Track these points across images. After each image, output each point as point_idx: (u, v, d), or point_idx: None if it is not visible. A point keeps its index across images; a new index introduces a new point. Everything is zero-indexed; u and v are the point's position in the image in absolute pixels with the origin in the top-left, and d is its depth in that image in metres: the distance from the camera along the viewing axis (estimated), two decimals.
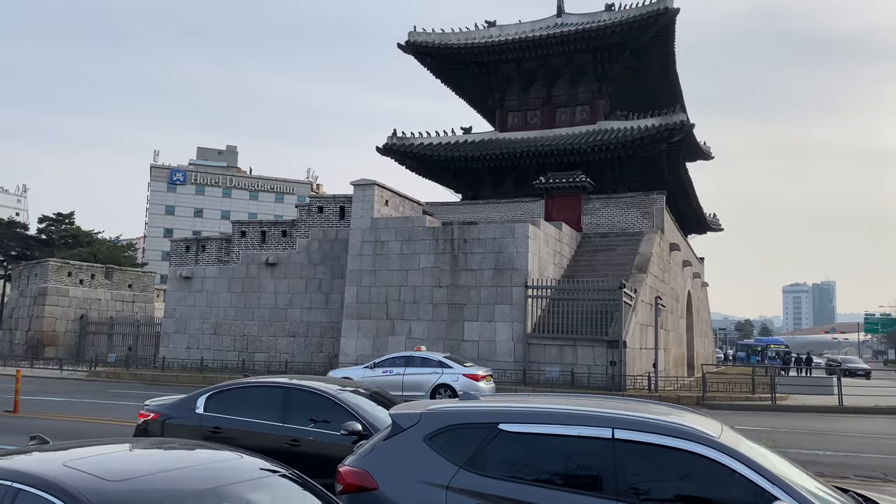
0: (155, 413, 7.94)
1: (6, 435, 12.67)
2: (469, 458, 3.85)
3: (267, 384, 7.95)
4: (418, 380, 19.25)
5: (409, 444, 4.02)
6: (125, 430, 13.60)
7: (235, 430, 7.38)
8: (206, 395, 7.84)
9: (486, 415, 4.02)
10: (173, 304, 30.98)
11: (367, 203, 26.78)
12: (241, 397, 7.74)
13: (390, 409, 4.53)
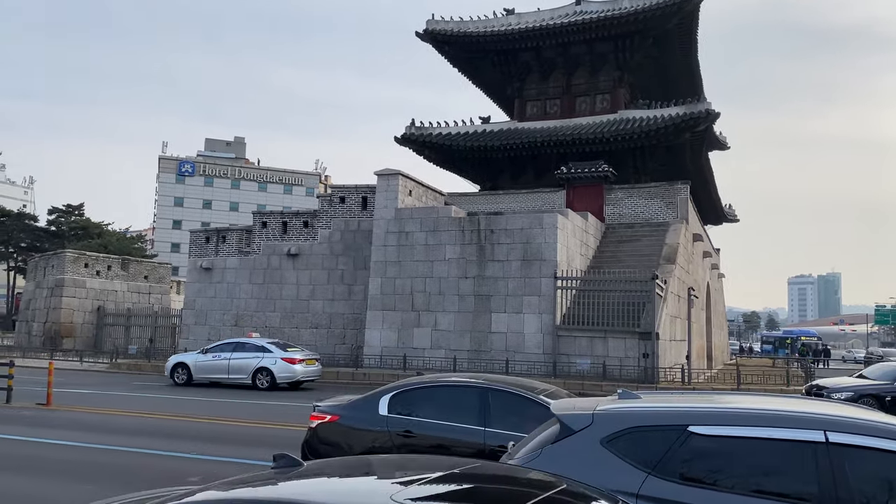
0: (333, 415, 7.55)
1: (48, 429, 12.40)
2: (658, 464, 3.51)
3: (460, 384, 7.51)
4: (241, 364, 21.24)
5: (583, 447, 3.68)
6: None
7: (431, 435, 6.92)
8: (388, 395, 7.42)
9: (672, 416, 3.68)
10: (193, 296, 30.71)
11: (390, 193, 26.42)
12: (429, 398, 7.30)
13: (554, 409, 4.18)
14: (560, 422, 3.92)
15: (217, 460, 10.11)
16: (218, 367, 21.36)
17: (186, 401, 17.72)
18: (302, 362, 21.20)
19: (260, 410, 16.00)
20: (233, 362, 21.31)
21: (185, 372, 21.92)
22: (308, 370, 21.45)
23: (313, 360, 22.05)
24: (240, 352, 21.57)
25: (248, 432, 12.81)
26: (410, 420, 7.14)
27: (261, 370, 20.84)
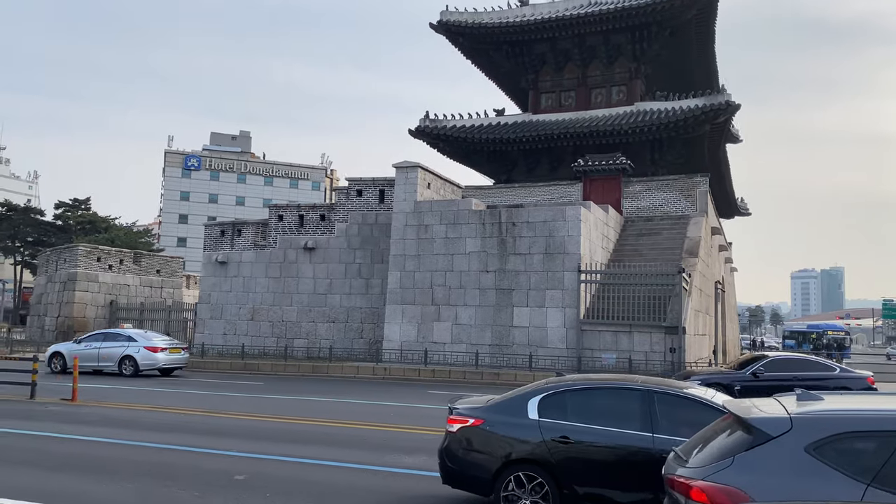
0: (476, 418, 7.14)
1: (80, 425, 12.12)
2: (878, 473, 3.20)
3: (620, 386, 7.07)
4: (110, 352, 22.53)
5: (785, 454, 3.35)
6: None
7: (593, 442, 6.53)
8: (536, 397, 7.04)
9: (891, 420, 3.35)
10: (208, 290, 30.43)
11: (409, 186, 26.09)
12: (586, 401, 6.87)
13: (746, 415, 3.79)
14: (751, 427, 3.58)
15: (257, 458, 9.83)
16: (89, 356, 22.43)
17: (212, 396, 17.46)
18: (164, 350, 22.70)
19: (291, 405, 15.73)
20: (102, 351, 22.63)
21: (61, 360, 23.14)
22: (172, 358, 22.89)
23: (178, 348, 23.67)
24: (109, 341, 22.99)
25: (287, 428, 12.52)
26: (567, 425, 6.74)
27: (126, 358, 22.25)
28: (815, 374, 16.82)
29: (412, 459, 9.95)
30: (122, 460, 9.53)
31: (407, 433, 12.31)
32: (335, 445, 10.93)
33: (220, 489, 8.18)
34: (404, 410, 15.49)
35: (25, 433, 11.38)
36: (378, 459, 9.86)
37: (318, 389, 19.51)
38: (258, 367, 25.22)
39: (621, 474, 6.34)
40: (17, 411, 13.78)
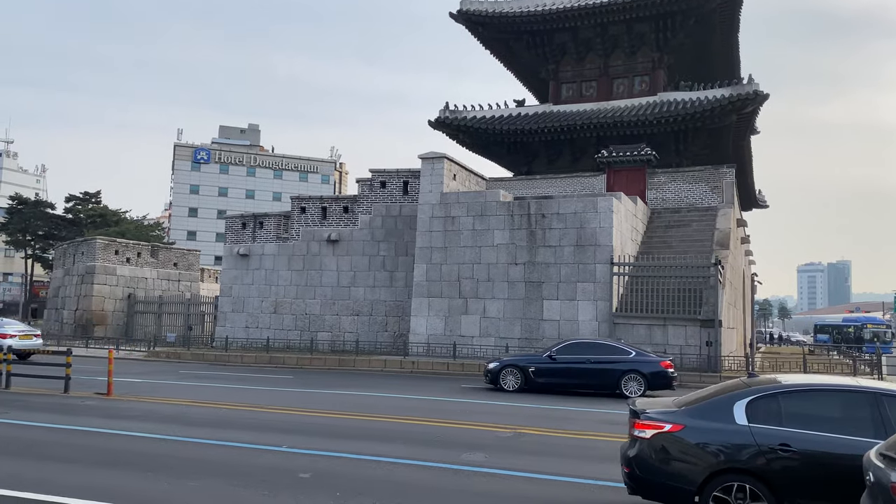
0: (674, 423, 6.50)
1: (122, 420, 11.79)
2: None
3: (844, 388, 6.46)
4: None
5: None
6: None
7: (821, 452, 5.94)
8: (743, 400, 6.42)
9: None
10: (229, 283, 30.12)
11: (435, 177, 25.69)
12: (802, 404, 6.28)
13: None
14: None
15: (314, 454, 9.48)
16: None
17: (247, 391, 17.14)
18: (15, 337, 23.78)
19: (333, 400, 15.40)
20: None
21: None
22: (25, 343, 23.62)
23: (31, 335, 25.05)
24: None
25: (334, 423, 12.18)
26: (786, 432, 6.15)
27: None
28: (609, 357, 17.39)
29: (482, 457, 9.62)
30: (177, 457, 9.20)
31: (463, 429, 11.95)
32: (391, 441, 10.58)
33: (286, 488, 7.83)
34: (445, 406, 15.12)
35: (71, 429, 11.06)
36: (447, 457, 9.51)
37: (350, 383, 19.18)
38: (283, 361, 24.91)
39: (851, 488, 5.66)
40: (55, 405, 13.48)
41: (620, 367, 17.13)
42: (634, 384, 16.96)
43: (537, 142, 36.33)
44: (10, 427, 11.08)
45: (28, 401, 14.01)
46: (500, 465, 9.13)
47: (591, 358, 17.35)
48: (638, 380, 17.00)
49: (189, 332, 30.34)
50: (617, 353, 17.55)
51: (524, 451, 10.37)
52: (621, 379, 17.09)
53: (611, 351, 17.68)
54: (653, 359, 17.57)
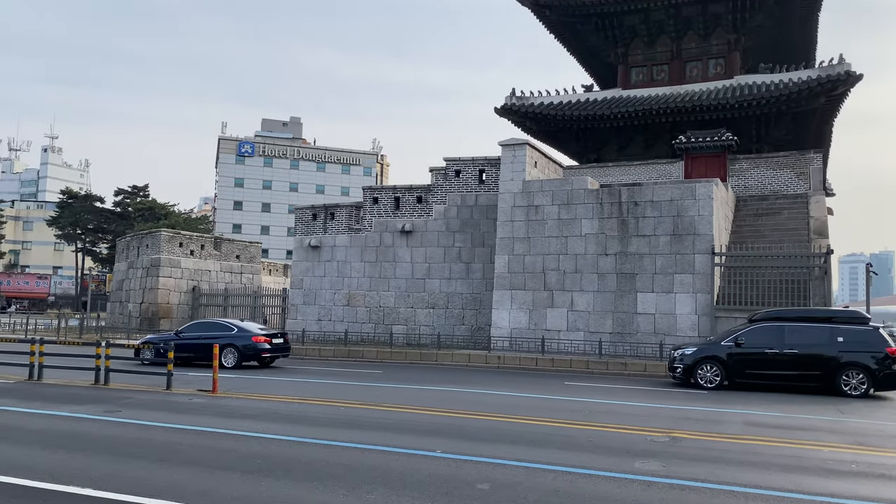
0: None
1: (240, 419, 11.05)
2: None
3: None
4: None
5: None
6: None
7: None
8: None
9: None
10: (301, 275, 29.55)
11: (517, 165, 24.70)
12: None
13: None
14: None
15: (480, 461, 8.60)
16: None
17: (346, 386, 16.40)
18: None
19: (427, 397, 14.56)
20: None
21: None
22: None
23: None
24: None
25: (463, 424, 11.31)
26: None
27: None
28: (216, 334, 20.41)
29: (657, 465, 8.65)
30: (333, 463, 8.40)
31: (608, 433, 10.99)
32: (542, 446, 9.67)
33: (476, 500, 6.96)
34: (561, 405, 14.18)
35: (198, 430, 10.37)
36: (619, 465, 8.57)
37: (443, 378, 18.36)
38: (362, 354, 24.23)
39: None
40: (165, 404, 12.85)
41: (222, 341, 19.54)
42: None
43: (607, 128, 35.12)
44: (135, 428, 10.43)
45: (135, 399, 13.42)
46: (685, 476, 8.17)
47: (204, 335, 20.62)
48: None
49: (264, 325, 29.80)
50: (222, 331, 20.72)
51: (696, 458, 9.37)
52: None
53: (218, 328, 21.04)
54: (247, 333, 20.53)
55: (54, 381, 15.84)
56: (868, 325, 16.11)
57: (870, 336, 15.81)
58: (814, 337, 16.04)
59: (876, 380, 15.47)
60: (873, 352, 15.58)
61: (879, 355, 15.49)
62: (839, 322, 16.30)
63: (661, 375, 19.97)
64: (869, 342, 15.70)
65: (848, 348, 15.74)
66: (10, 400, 12.84)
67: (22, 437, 9.55)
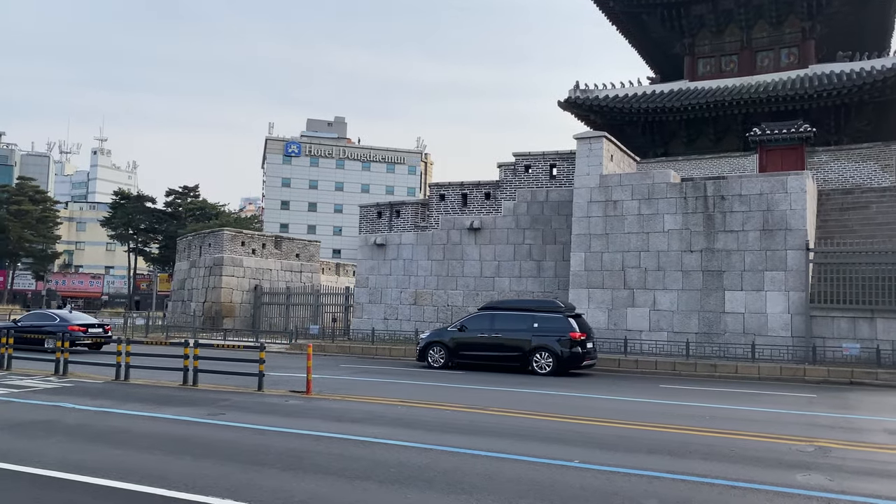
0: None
1: (350, 424, 10.54)
2: None
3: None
4: None
5: None
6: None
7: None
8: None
9: None
10: (366, 273, 29.18)
11: (593, 159, 23.90)
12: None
13: None
14: None
15: (632, 474, 7.93)
16: None
17: (435, 387, 15.86)
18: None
19: (532, 399, 13.92)
20: None
21: None
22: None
23: None
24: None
25: (586, 430, 10.65)
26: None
27: None
28: (44, 323, 23.54)
29: (823, 479, 7.88)
30: (455, 470, 7.81)
31: (744, 441, 10.22)
32: (681, 456, 8.95)
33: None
34: (672, 409, 13.41)
35: (316, 435, 9.89)
36: (783, 479, 7.81)
37: (532, 380, 17.69)
38: None
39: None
40: (265, 406, 12.46)
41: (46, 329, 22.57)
42: None
43: (675, 121, 34.05)
44: (248, 432, 10.01)
45: (231, 400, 13.06)
46: (858, 491, 7.40)
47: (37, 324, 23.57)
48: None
49: (334, 324, 29.56)
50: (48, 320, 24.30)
51: (858, 471, 8.56)
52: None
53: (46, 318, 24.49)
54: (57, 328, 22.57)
55: (142, 381, 15.63)
56: (559, 314, 18.67)
57: (559, 323, 18.41)
58: (515, 324, 18.80)
59: (560, 360, 18.02)
60: (560, 336, 18.14)
61: (565, 339, 18.09)
62: (537, 311, 18.96)
63: (753, 377, 19.02)
64: (557, 328, 18.25)
65: (540, 333, 18.36)
66: (107, 401, 12.58)
67: (139, 441, 9.19)
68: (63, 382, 15.15)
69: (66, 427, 10.13)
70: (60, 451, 8.48)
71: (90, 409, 11.72)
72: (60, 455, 8.28)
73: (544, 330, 18.33)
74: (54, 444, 8.87)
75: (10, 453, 8.24)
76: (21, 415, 11.08)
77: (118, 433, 9.78)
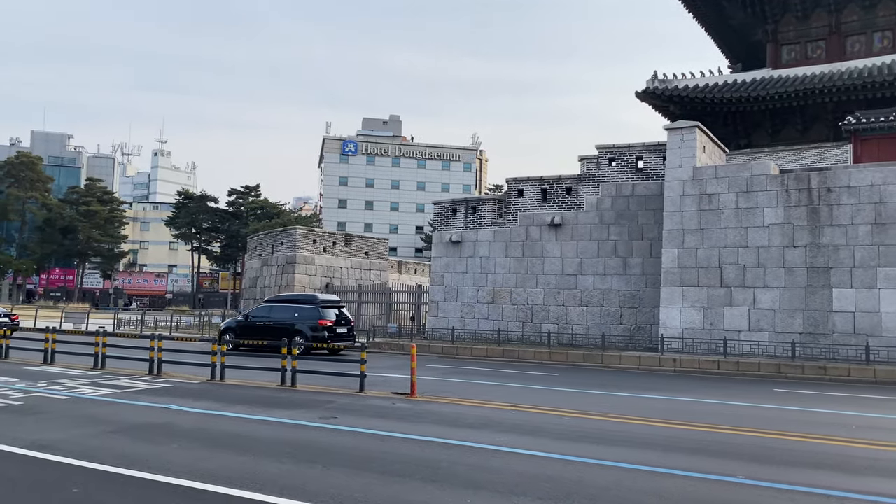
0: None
1: (471, 430, 9.88)
2: None
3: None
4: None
5: None
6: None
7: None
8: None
9: None
10: (441, 271, 28.63)
11: (686, 150, 22.80)
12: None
13: None
14: None
15: (818, 493, 7.07)
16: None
17: (534, 390, 15.15)
18: None
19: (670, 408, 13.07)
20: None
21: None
22: None
23: None
24: None
25: (737, 441, 9.78)
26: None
27: None
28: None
29: None
30: (633, 489, 7.07)
31: None
32: (862, 474, 8.03)
33: None
34: (800, 416, 12.38)
35: (430, 441, 9.29)
36: None
37: (634, 384, 16.82)
38: (518, 354, 22.98)
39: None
40: (372, 409, 11.94)
41: None
42: None
43: (759, 111, 32.49)
44: (368, 438, 9.46)
45: (337, 403, 12.60)
46: None
47: None
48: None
49: (412, 323, 29.13)
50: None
51: None
52: None
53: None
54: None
55: (238, 381, 15.33)
56: (314, 305, 23.48)
57: (311, 312, 23.21)
58: (284, 313, 23.50)
59: (308, 341, 22.05)
60: (311, 323, 22.89)
61: (314, 324, 22.86)
62: (299, 303, 23.96)
63: (868, 381, 17.74)
64: (310, 316, 23.06)
65: (299, 320, 23.02)
66: (213, 403, 12.25)
67: (261, 447, 8.72)
68: (160, 382, 14.96)
69: (184, 431, 9.77)
70: (187, 458, 8.07)
71: (198, 411, 11.38)
72: (188, 462, 7.87)
73: (302, 318, 22.96)
74: (178, 451, 8.48)
75: (138, 460, 7.87)
76: (132, 417, 10.79)
77: (237, 438, 9.36)
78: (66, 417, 10.63)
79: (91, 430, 9.65)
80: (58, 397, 12.55)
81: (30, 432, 9.37)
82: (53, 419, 10.44)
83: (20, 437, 8.96)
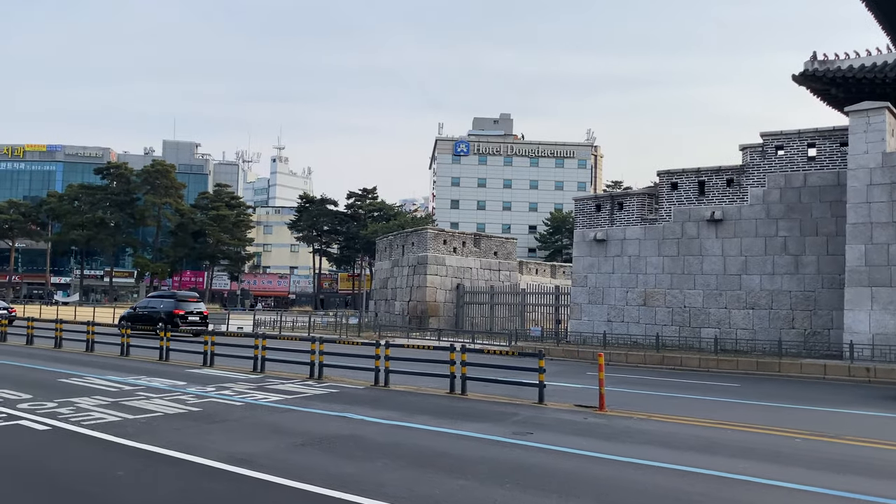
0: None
1: (692, 454, 8.45)
2: None
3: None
4: None
5: None
6: None
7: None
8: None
9: None
10: (584, 271, 27.13)
11: (873, 134, 20.29)
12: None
13: None
14: None
15: None
16: None
17: (723, 403, 13.51)
18: None
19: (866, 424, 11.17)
20: None
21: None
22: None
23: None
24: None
25: None
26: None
27: None
28: None
29: None
30: None
31: None
32: None
33: None
34: None
35: (656, 466, 7.98)
36: None
37: (833, 397, 14.80)
38: (680, 361, 21.17)
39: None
40: (561, 423, 10.77)
41: None
42: None
43: None
44: (581, 460, 8.27)
45: (521, 415, 11.51)
46: None
47: None
48: None
49: (557, 326, 27.88)
50: None
51: None
52: None
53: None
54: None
55: (403, 387, 14.61)
56: (172, 299, 31.38)
57: (170, 304, 30.71)
58: (158, 304, 31.16)
59: (167, 325, 28.05)
60: (170, 311, 30.15)
61: (170, 312, 30.07)
62: (162, 297, 32.41)
63: None
64: (169, 307, 30.43)
65: (162, 309, 30.47)
66: (391, 412, 11.44)
67: (473, 469, 7.69)
68: (325, 388, 14.42)
69: (377, 445, 8.93)
70: (399, 479, 7.19)
71: (382, 421, 10.59)
72: (405, 484, 6.99)
73: (165, 308, 30.35)
74: (386, 470, 7.60)
75: (349, 481, 7.03)
76: (315, 427, 10.13)
77: (441, 456, 8.42)
78: (250, 427, 10.10)
79: (281, 441, 9.02)
80: (233, 403, 12.16)
81: (221, 443, 8.82)
82: (238, 429, 9.92)
83: (214, 449, 8.41)
